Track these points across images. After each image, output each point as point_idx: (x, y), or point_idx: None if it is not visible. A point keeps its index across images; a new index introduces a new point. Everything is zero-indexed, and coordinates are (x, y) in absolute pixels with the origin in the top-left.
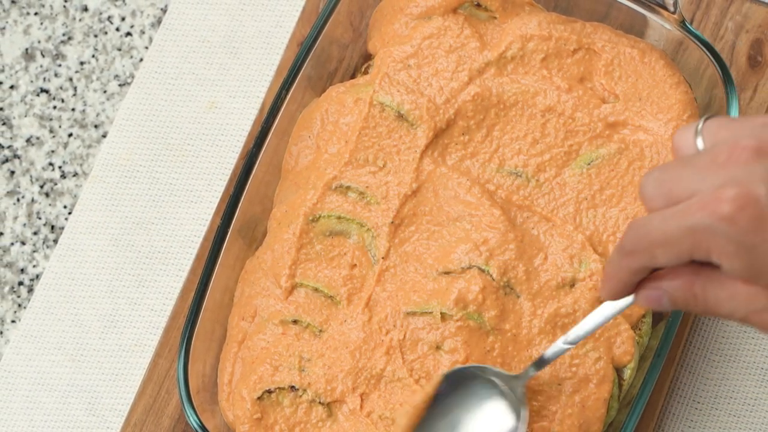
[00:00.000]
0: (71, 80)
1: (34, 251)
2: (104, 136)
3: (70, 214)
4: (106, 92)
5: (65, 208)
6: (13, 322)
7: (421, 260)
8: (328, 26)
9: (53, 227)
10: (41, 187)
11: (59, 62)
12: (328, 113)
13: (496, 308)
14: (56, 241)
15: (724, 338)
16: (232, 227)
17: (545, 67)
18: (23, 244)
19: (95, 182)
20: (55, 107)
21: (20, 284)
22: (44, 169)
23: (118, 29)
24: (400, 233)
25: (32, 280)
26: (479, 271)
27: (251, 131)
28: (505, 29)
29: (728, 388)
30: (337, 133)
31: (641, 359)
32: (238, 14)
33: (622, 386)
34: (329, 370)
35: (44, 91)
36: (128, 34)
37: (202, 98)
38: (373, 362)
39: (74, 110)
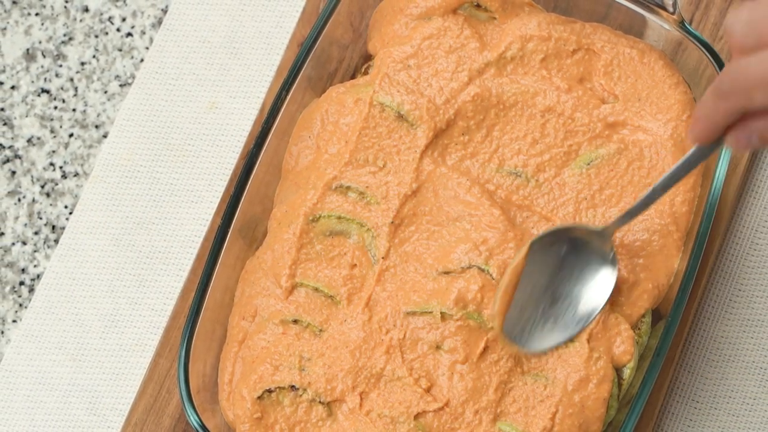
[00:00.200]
0: (72, 80)
1: (35, 251)
2: (105, 136)
3: (71, 214)
4: (106, 92)
5: (66, 208)
6: (14, 321)
7: (421, 260)
8: (328, 27)
9: (54, 227)
10: (42, 187)
11: (60, 63)
12: (328, 113)
13: (495, 307)
14: (57, 241)
15: (723, 338)
16: (232, 227)
17: (545, 67)
18: (24, 244)
19: (96, 182)
20: (56, 107)
21: (21, 284)
22: (45, 169)
23: (118, 30)
24: (400, 233)
25: (33, 279)
26: (479, 270)
27: (251, 131)
28: (504, 30)
29: (727, 387)
30: (337, 133)
31: (641, 359)
32: (238, 15)
33: (621, 386)
34: (329, 369)
35: (45, 91)
36: (129, 34)
37: (202, 98)
38: (373, 361)
39: (75, 110)
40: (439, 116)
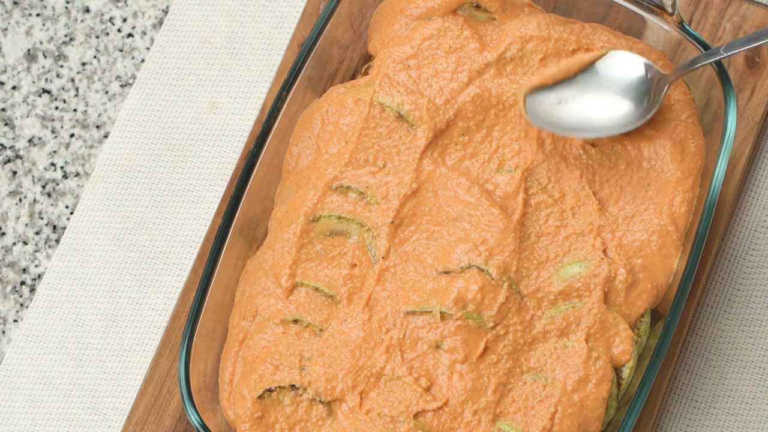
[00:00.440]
0: (73, 81)
1: (36, 251)
2: (106, 136)
3: (71, 214)
4: (107, 93)
5: (67, 208)
6: (15, 321)
7: (420, 260)
8: (328, 27)
9: (55, 227)
10: (43, 187)
11: (61, 63)
12: (328, 114)
13: (495, 307)
14: (58, 240)
15: (722, 338)
16: (233, 227)
17: (544, 67)
18: (25, 243)
19: (97, 182)
20: (57, 108)
21: (22, 284)
22: (46, 169)
23: (119, 30)
24: (400, 233)
25: (34, 279)
26: (478, 270)
27: (252, 132)
28: (504, 30)
29: (726, 386)
30: (337, 133)
31: (640, 358)
32: (239, 15)
33: (620, 385)
34: (329, 368)
35: (46, 91)
36: (130, 35)
37: (203, 99)
38: (372, 361)
39: (76, 111)
40: (439, 116)
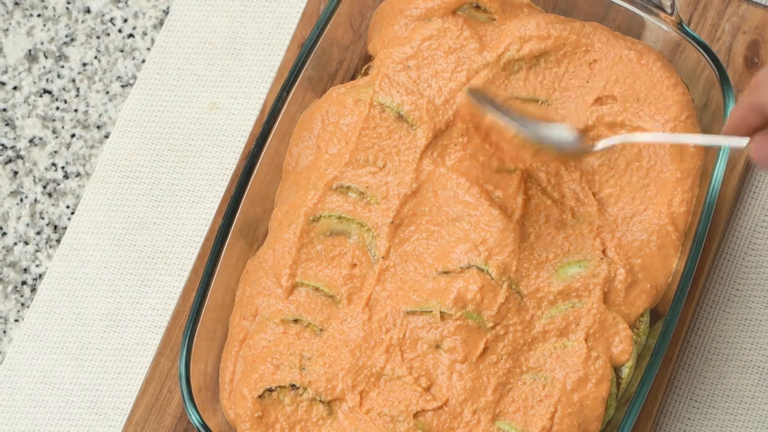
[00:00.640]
0: (74, 81)
1: (37, 251)
2: (107, 136)
3: (72, 214)
4: (108, 93)
5: (68, 208)
6: (16, 321)
7: (420, 260)
8: (328, 28)
9: (56, 227)
10: (44, 187)
11: (62, 63)
12: (328, 114)
13: (495, 307)
14: (59, 240)
15: (721, 337)
16: (233, 227)
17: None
18: (26, 243)
19: (98, 182)
20: (57, 108)
21: (23, 284)
22: (47, 169)
23: (120, 31)
24: (400, 233)
25: (35, 279)
26: (478, 270)
27: (252, 132)
28: (504, 31)
29: (725, 386)
30: (337, 133)
31: (639, 358)
32: (239, 16)
33: (620, 385)
34: (329, 368)
35: (47, 92)
36: (130, 35)
37: (203, 99)
38: (373, 361)
39: (77, 111)
40: (438, 117)
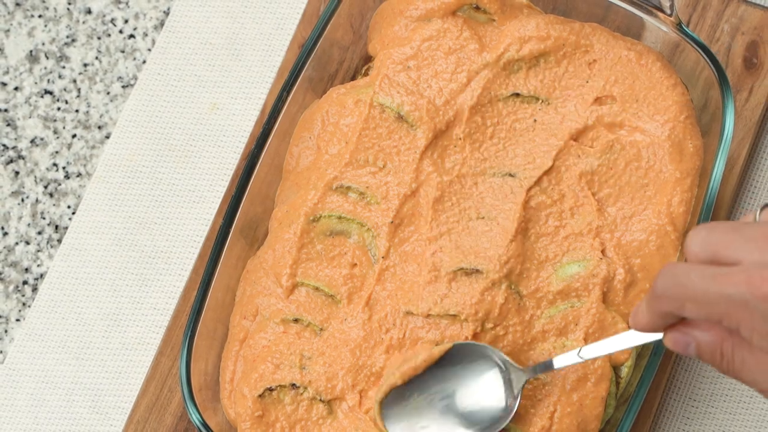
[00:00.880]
0: (75, 82)
1: (38, 251)
2: (107, 137)
3: (74, 214)
4: (109, 94)
5: (69, 208)
6: (17, 320)
7: (420, 260)
8: (328, 28)
9: (57, 227)
10: (45, 187)
11: (63, 64)
12: (328, 114)
13: (495, 309)
14: (60, 240)
15: None
16: (233, 227)
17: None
18: (28, 243)
19: (99, 182)
20: (59, 108)
21: (25, 283)
22: (48, 169)
23: (121, 31)
24: (399, 233)
25: (36, 279)
26: (477, 270)
27: (253, 132)
28: (503, 31)
29: (724, 385)
30: (337, 134)
31: (638, 357)
32: (239, 16)
33: (619, 384)
34: (330, 368)
35: (48, 92)
36: (131, 36)
37: (204, 99)
38: (372, 360)
39: (78, 111)
40: (438, 117)
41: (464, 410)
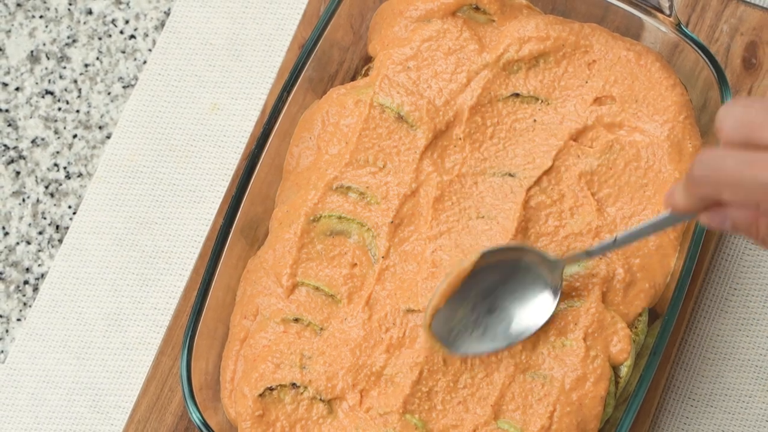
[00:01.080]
0: (76, 82)
1: (39, 251)
2: (108, 137)
3: (74, 214)
4: (110, 94)
5: (70, 208)
6: (18, 320)
7: (420, 259)
8: (328, 29)
9: (58, 227)
10: (46, 187)
11: (64, 64)
12: (328, 115)
13: None
14: (61, 240)
15: (719, 336)
16: (234, 227)
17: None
18: (28, 243)
19: (99, 183)
20: (59, 109)
21: (26, 283)
22: (49, 169)
23: (122, 32)
24: (399, 233)
25: (37, 279)
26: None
27: (253, 132)
28: (503, 32)
29: (723, 385)
30: (337, 134)
31: (637, 357)
32: (240, 17)
33: (618, 384)
34: (330, 367)
35: (49, 92)
36: (132, 36)
37: (204, 100)
38: (373, 359)
39: (79, 112)
40: (438, 118)
41: (510, 311)
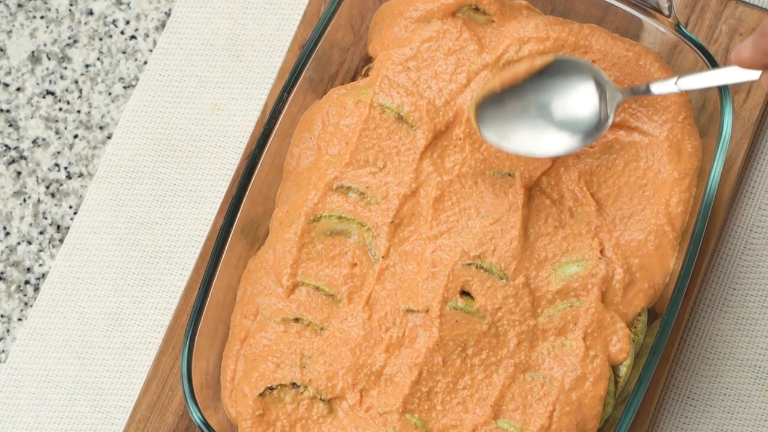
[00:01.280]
0: (77, 83)
1: (40, 251)
2: (109, 137)
3: (75, 214)
4: (111, 94)
5: (71, 208)
6: (19, 320)
7: (420, 258)
8: (329, 30)
9: (59, 227)
10: (47, 187)
11: (65, 65)
12: (329, 115)
13: (495, 304)
14: (62, 240)
15: (718, 336)
16: (234, 227)
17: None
18: (29, 243)
19: (100, 183)
20: (60, 109)
21: (27, 283)
22: (50, 169)
23: (122, 32)
24: (399, 233)
25: (38, 278)
26: (477, 269)
27: (253, 133)
28: (503, 32)
29: (722, 384)
30: (337, 134)
31: (637, 357)
32: (240, 18)
33: (618, 383)
34: (330, 367)
35: (50, 93)
36: (133, 37)
37: (205, 100)
38: (373, 359)
39: (80, 112)
40: (438, 118)
41: (558, 119)
